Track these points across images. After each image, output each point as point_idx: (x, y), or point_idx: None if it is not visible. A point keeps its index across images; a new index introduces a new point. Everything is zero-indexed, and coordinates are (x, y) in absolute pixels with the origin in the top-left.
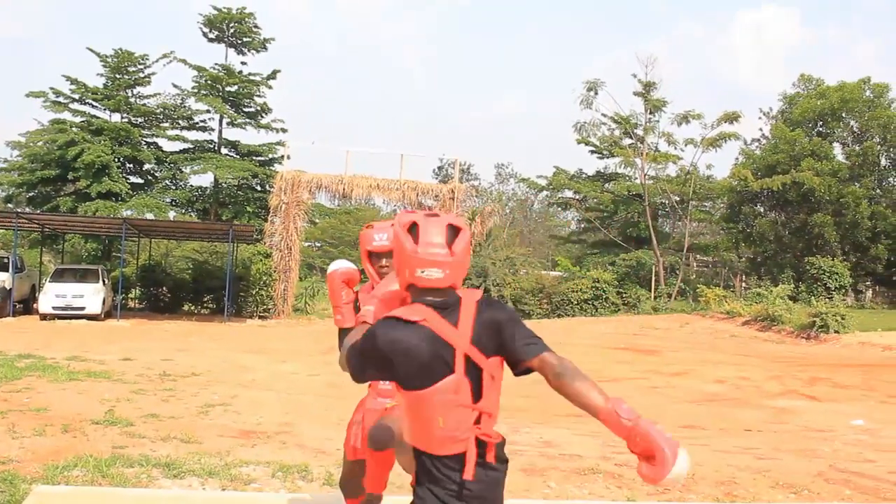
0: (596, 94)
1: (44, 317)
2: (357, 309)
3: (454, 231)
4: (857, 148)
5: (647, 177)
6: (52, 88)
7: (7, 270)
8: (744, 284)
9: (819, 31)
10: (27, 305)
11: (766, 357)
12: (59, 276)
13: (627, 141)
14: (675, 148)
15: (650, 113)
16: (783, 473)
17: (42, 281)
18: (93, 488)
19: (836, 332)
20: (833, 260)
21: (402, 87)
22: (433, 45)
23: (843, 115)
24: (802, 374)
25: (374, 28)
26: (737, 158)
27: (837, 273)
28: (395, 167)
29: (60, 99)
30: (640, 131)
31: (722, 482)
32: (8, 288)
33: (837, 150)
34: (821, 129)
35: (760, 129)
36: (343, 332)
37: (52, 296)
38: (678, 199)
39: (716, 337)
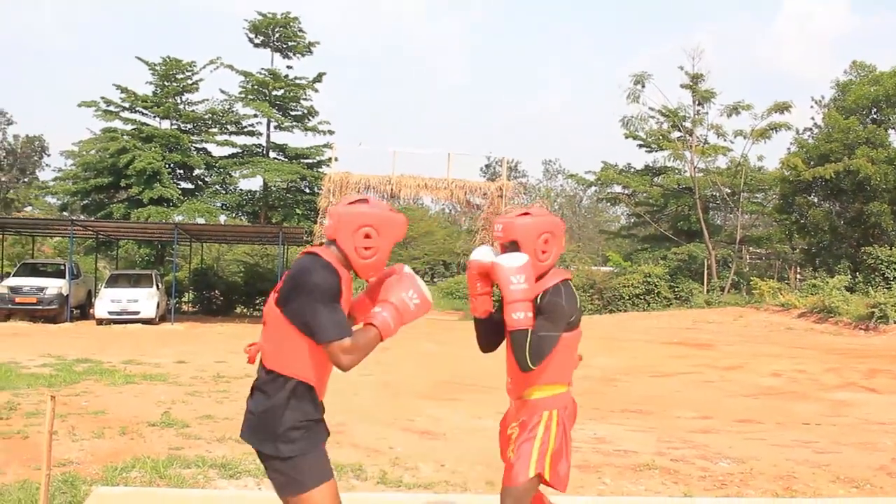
0: (643, 87)
1: (100, 321)
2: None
3: None
4: None
5: (696, 169)
6: (102, 98)
7: (64, 277)
8: (798, 276)
9: (868, 18)
10: (84, 311)
11: (822, 349)
12: (113, 281)
13: (676, 134)
14: (725, 140)
15: (698, 105)
16: (844, 467)
17: (97, 287)
18: (152, 489)
19: None
20: (891, 249)
21: (445, 85)
22: (476, 43)
23: None
24: (861, 365)
25: (416, 27)
26: (788, 148)
27: (895, 262)
28: (441, 166)
29: (111, 108)
30: (688, 124)
31: (780, 477)
32: (65, 294)
33: (893, 137)
34: (875, 116)
35: (812, 119)
36: (476, 321)
37: (107, 301)
38: (729, 191)
39: (771, 330)
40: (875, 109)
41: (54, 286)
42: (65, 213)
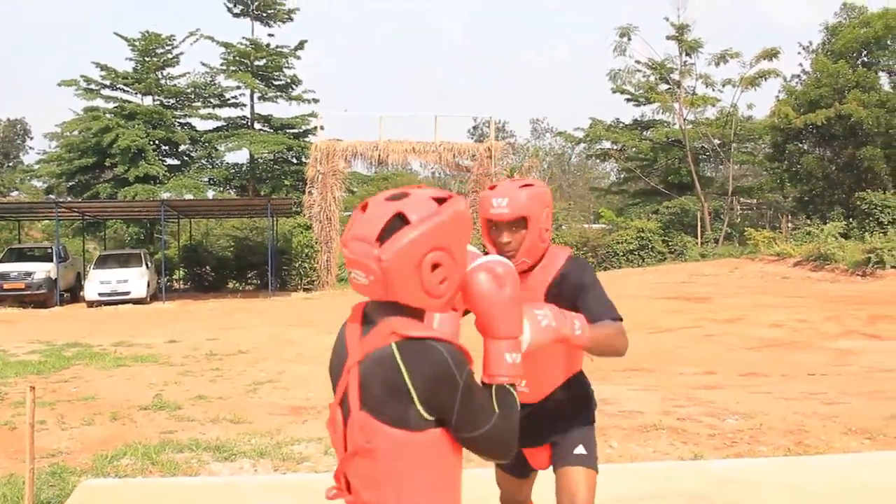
0: (629, 40)
1: (90, 304)
2: None
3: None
4: None
5: (685, 121)
6: (82, 76)
7: (52, 261)
8: (790, 225)
9: None
10: (74, 294)
11: (821, 297)
12: (102, 262)
13: (664, 86)
14: (714, 90)
15: (686, 55)
16: (854, 418)
17: (86, 268)
18: (141, 480)
19: (893, 267)
20: (885, 194)
21: (429, 48)
22: (459, 4)
23: (889, 42)
24: (861, 312)
25: None
26: (777, 96)
27: (890, 207)
28: (429, 130)
29: (92, 86)
30: (676, 75)
31: (791, 431)
32: (54, 278)
33: (884, 79)
34: (865, 59)
35: (800, 65)
36: None
37: (97, 282)
38: (719, 142)
39: (767, 280)
40: (865, 52)
41: (42, 270)
42: (51, 196)
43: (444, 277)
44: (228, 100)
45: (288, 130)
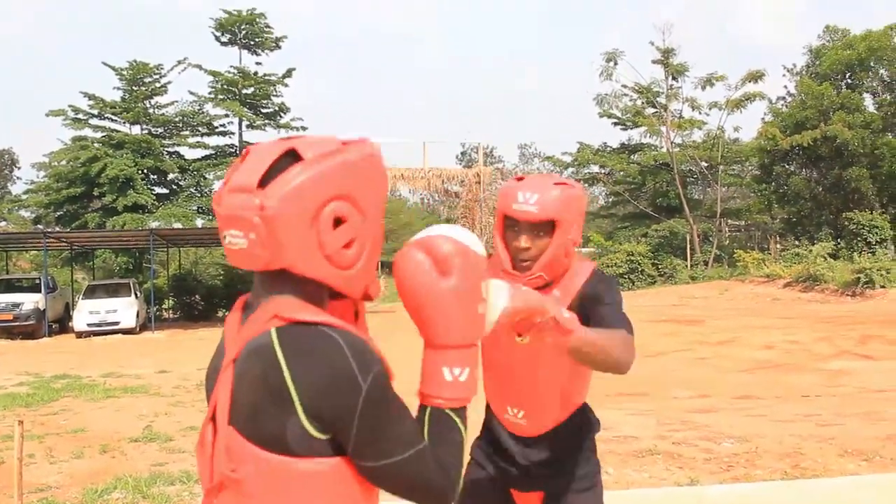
0: (615, 64)
1: (79, 335)
2: None
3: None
4: (889, 97)
5: (673, 144)
6: (70, 106)
7: (39, 291)
8: (779, 246)
9: None
10: (62, 324)
11: (812, 318)
12: (91, 292)
13: (650, 110)
14: (700, 113)
15: (672, 79)
16: (850, 439)
17: (75, 299)
18: None
19: (882, 286)
20: (872, 214)
21: (417, 73)
22: (446, 26)
23: (872, 64)
24: (853, 332)
25: (387, 14)
26: (762, 118)
27: (877, 227)
28: (418, 155)
29: (80, 115)
30: (662, 99)
31: (787, 454)
32: (42, 308)
33: (868, 101)
34: (849, 80)
35: (785, 87)
36: None
37: (85, 313)
38: (706, 164)
39: (757, 301)
40: (849, 74)
41: (30, 301)
42: (39, 226)
43: (350, 239)
44: (216, 128)
45: None
